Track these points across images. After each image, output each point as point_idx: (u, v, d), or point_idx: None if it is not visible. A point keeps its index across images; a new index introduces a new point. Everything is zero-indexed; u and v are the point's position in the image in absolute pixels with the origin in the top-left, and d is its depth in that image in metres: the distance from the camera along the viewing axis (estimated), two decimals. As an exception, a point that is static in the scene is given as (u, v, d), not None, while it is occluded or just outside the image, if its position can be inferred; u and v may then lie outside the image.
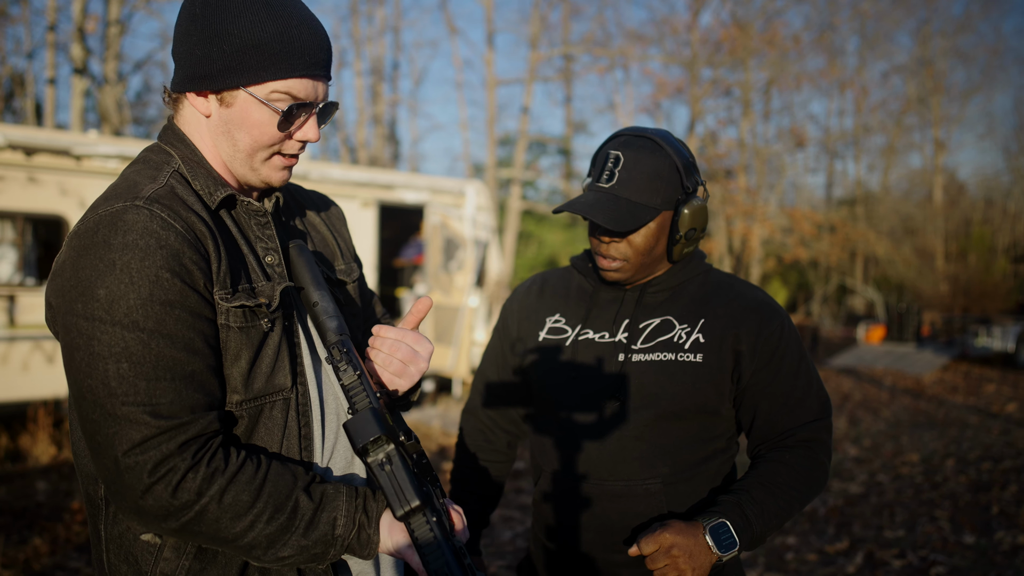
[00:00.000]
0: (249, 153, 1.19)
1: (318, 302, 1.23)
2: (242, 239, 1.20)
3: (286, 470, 1.12)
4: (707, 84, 22.33)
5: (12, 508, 5.03)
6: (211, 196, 1.17)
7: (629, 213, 1.46)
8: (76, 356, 1.05)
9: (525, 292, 1.76)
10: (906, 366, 13.25)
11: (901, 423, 8.64)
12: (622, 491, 1.52)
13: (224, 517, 1.05)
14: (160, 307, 1.04)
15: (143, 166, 1.19)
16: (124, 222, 1.05)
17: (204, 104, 1.17)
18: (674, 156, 1.50)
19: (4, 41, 20.95)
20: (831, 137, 27.94)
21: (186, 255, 1.07)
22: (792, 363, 1.54)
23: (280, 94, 1.15)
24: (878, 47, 26.91)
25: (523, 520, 5.05)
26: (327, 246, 1.42)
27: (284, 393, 1.18)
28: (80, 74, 14.38)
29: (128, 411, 1.02)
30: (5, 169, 6.44)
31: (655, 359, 1.52)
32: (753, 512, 1.43)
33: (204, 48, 1.13)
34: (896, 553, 4.49)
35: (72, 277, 1.05)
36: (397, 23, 28.25)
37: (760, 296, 1.59)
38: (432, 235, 9.53)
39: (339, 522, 1.10)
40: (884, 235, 24.19)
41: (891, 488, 5.92)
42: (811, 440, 1.53)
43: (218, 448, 1.08)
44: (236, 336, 1.13)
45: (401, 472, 1.07)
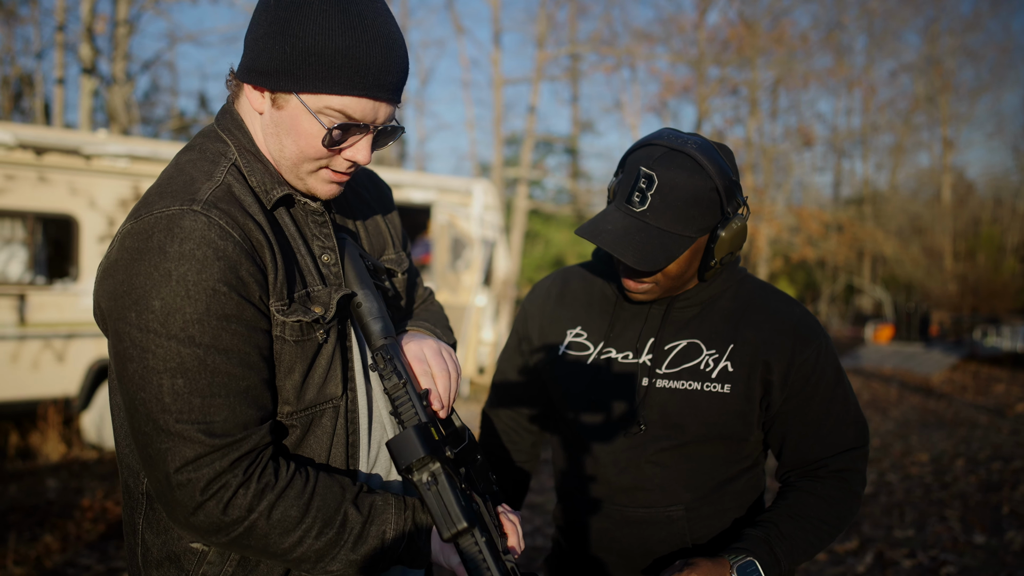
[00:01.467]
0: (295, 162, 1.13)
1: (362, 303, 1.18)
2: (299, 238, 1.16)
3: (334, 482, 1.09)
4: (714, 83, 22.29)
5: (23, 505, 5.06)
6: (268, 195, 1.12)
7: (660, 247, 1.32)
8: (129, 367, 1.02)
9: (545, 295, 1.66)
10: (915, 366, 13.20)
11: (910, 423, 8.61)
12: (643, 518, 1.47)
13: (273, 532, 1.03)
14: (217, 321, 1.00)
15: (199, 156, 1.13)
16: (181, 228, 1.00)
17: (259, 100, 1.12)
18: (715, 177, 1.33)
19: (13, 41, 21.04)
20: (839, 136, 27.87)
21: (244, 267, 1.03)
22: (827, 390, 1.44)
23: (334, 110, 1.07)
24: (886, 45, 26.84)
25: (531, 519, 5.05)
26: (380, 234, 1.37)
27: (335, 401, 1.15)
28: (89, 74, 14.44)
29: (182, 428, 1.00)
30: (16, 168, 6.47)
31: (680, 387, 1.44)
32: (782, 549, 1.36)
33: (267, 42, 1.06)
34: (906, 553, 4.47)
35: (126, 282, 1.00)
36: (404, 22, 28.31)
37: (797, 315, 1.47)
38: (439, 234, 9.54)
39: (388, 535, 1.07)
40: (892, 234, 24.11)
41: (900, 488, 5.90)
42: (845, 470, 1.45)
43: (268, 462, 1.05)
44: (291, 349, 1.09)
45: (447, 492, 1.01)
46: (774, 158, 24.19)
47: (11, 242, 6.67)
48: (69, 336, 6.67)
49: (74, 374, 6.71)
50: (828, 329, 21.42)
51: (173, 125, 22.42)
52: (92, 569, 4.06)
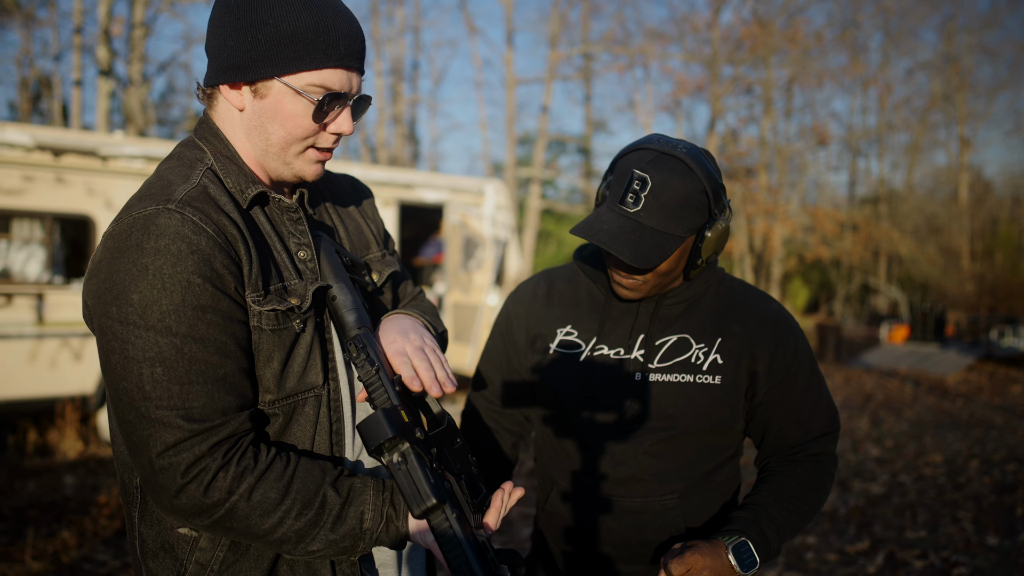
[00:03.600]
0: (283, 146, 1.18)
1: (336, 296, 1.23)
2: (275, 235, 1.21)
3: (315, 466, 1.13)
4: (728, 82, 22.21)
5: (41, 502, 5.13)
6: (243, 194, 1.18)
7: (654, 245, 1.39)
8: (112, 359, 1.07)
9: (531, 296, 1.69)
10: (930, 366, 13.10)
11: (924, 424, 8.55)
12: (639, 507, 1.52)
13: (253, 514, 1.07)
14: (192, 312, 1.05)
15: (177, 163, 1.19)
16: (157, 226, 1.06)
17: (237, 97, 1.17)
18: (704, 180, 1.40)
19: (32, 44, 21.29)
20: (854, 135, 27.68)
21: (217, 259, 1.08)
22: (804, 379, 1.55)
23: (315, 86, 1.14)
24: (902, 43, 26.61)
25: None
26: (361, 234, 1.42)
27: (316, 390, 1.19)
28: (106, 76, 14.60)
29: (162, 415, 1.04)
30: (34, 170, 6.56)
31: (673, 380, 1.51)
32: (770, 529, 1.45)
33: (238, 38, 1.12)
34: (918, 554, 4.45)
35: (107, 280, 1.06)
36: (417, 23, 28.42)
37: (775, 310, 1.58)
38: (452, 234, 9.57)
39: (367, 516, 1.11)
40: (908, 234, 23.92)
41: (913, 489, 5.87)
42: (821, 454, 1.56)
43: (248, 447, 1.09)
44: (268, 338, 1.14)
45: (416, 471, 1.06)
46: (788, 157, 24.06)
47: (30, 242, 6.76)
48: (86, 335, 6.76)
49: (91, 372, 6.81)
50: (843, 329, 21.30)
51: (189, 126, 22.61)
52: (108, 564, 4.12)
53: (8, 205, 6.50)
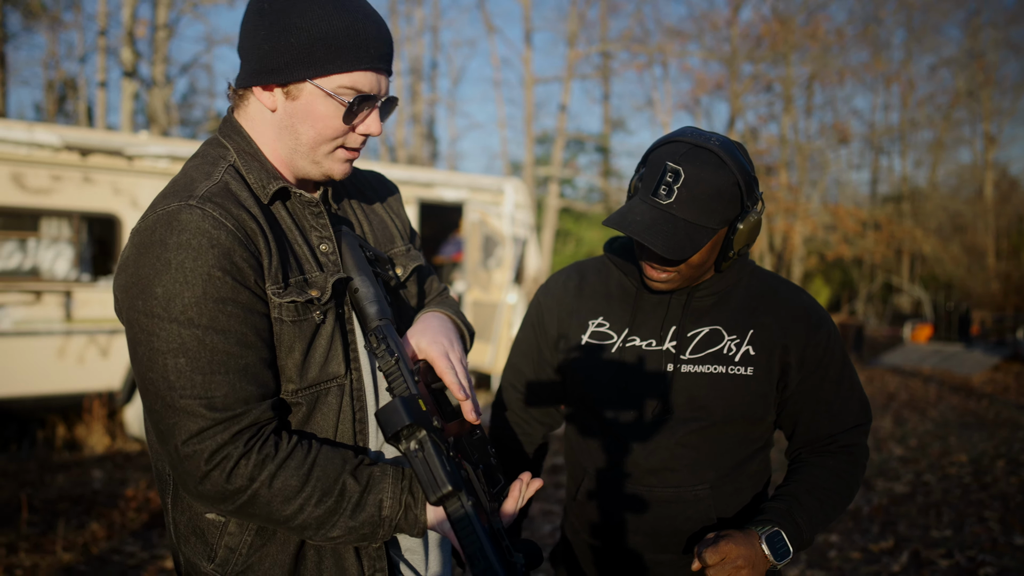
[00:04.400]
0: (312, 146, 1.21)
1: (358, 288, 1.24)
2: (296, 230, 1.23)
3: (335, 454, 1.15)
4: (747, 80, 22.08)
5: (70, 495, 5.22)
6: (264, 189, 1.21)
7: (687, 237, 1.39)
8: (139, 350, 1.11)
9: (563, 288, 1.70)
10: (954, 366, 12.95)
11: (949, 423, 8.46)
12: (671, 497, 1.53)
13: (275, 500, 1.10)
14: (213, 304, 1.08)
15: (201, 161, 1.22)
16: (179, 222, 1.09)
17: (270, 98, 1.20)
18: (737, 173, 1.41)
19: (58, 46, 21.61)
20: (876, 132, 27.41)
21: (237, 253, 1.10)
22: (836, 371, 1.55)
23: (345, 88, 1.17)
24: (925, 40, 26.30)
25: (562, 514, 5.09)
26: (385, 229, 1.44)
27: (338, 380, 1.21)
28: (130, 77, 14.80)
29: (186, 404, 1.08)
30: (62, 169, 6.68)
31: (705, 371, 1.52)
32: (803, 520, 1.45)
33: (272, 42, 1.15)
34: (943, 553, 4.42)
35: (134, 274, 1.10)
36: (435, 23, 28.48)
37: (806, 301, 1.58)
38: (471, 232, 9.60)
39: (385, 504, 1.13)
40: (932, 232, 23.65)
41: (938, 488, 5.81)
42: (852, 445, 1.56)
43: (270, 435, 1.12)
44: (289, 329, 1.16)
45: (433, 458, 1.07)
46: (809, 155, 23.87)
47: (58, 241, 6.88)
48: (113, 332, 6.87)
49: (117, 369, 6.91)
50: (865, 328, 21.08)
51: (210, 127, 22.84)
52: (136, 556, 4.19)
53: (37, 204, 6.61)
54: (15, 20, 18.44)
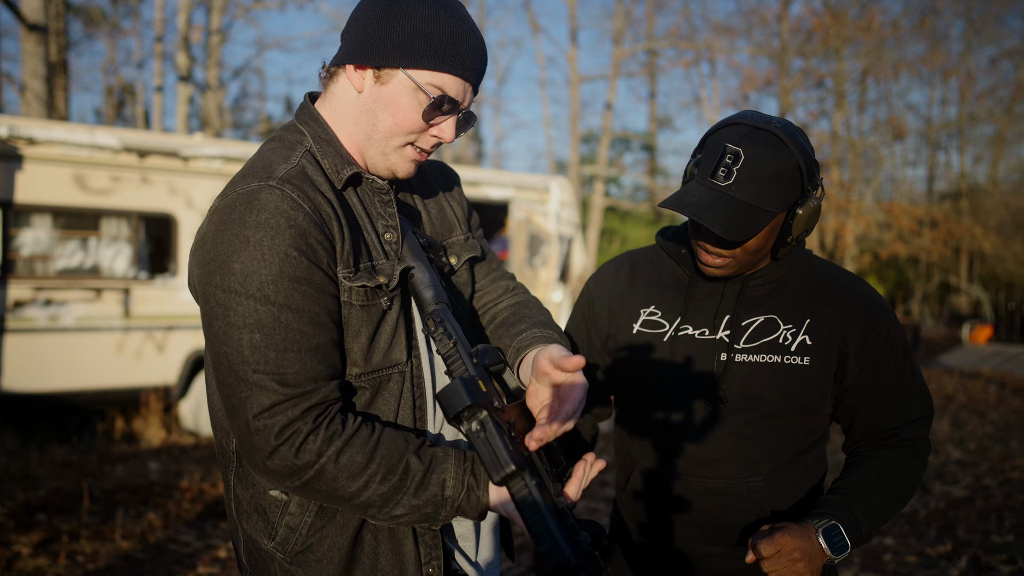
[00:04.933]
0: (386, 136, 1.23)
1: (415, 274, 1.26)
2: (365, 216, 1.26)
3: (399, 435, 1.17)
4: (797, 75, 21.64)
5: (128, 485, 5.39)
6: (338, 175, 1.24)
7: (746, 219, 1.36)
8: (215, 324, 1.13)
9: (614, 278, 1.68)
10: (1017, 367, 12.50)
11: (1011, 427, 8.16)
12: (724, 488, 1.51)
13: (341, 476, 1.12)
14: (289, 283, 1.11)
15: (279, 144, 1.25)
16: (258, 201, 1.12)
17: (359, 79, 1.23)
18: (798, 156, 1.38)
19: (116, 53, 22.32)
20: (933, 128, 26.56)
21: (312, 235, 1.13)
22: (897, 363, 1.51)
23: (433, 86, 1.20)
24: (986, 31, 25.38)
25: (607, 511, 5.06)
26: (444, 218, 1.45)
27: (400, 367, 1.24)
28: (185, 81, 15.20)
29: (259, 378, 1.10)
30: (121, 171, 6.90)
31: (760, 361, 1.49)
32: (862, 514, 1.41)
33: (379, 27, 1.19)
34: (1005, 559, 4.26)
35: (212, 250, 1.12)
36: (481, 23, 28.60)
37: (866, 291, 1.54)
38: (516, 231, 9.62)
39: (448, 484, 1.14)
40: (992, 230, 22.83)
41: (999, 492, 5.61)
42: (914, 439, 1.52)
43: (336, 414, 1.14)
44: (357, 313, 1.19)
45: (495, 438, 1.07)
46: (862, 152, 23.28)
47: (117, 240, 7.11)
48: (169, 328, 7.07)
49: (173, 364, 7.12)
50: (921, 329, 20.46)
51: (261, 129, 23.33)
52: (191, 545, 4.30)
53: (98, 204, 6.85)
54: (77, 28, 19.12)
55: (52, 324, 6.63)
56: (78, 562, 3.96)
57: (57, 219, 6.86)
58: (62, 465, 5.91)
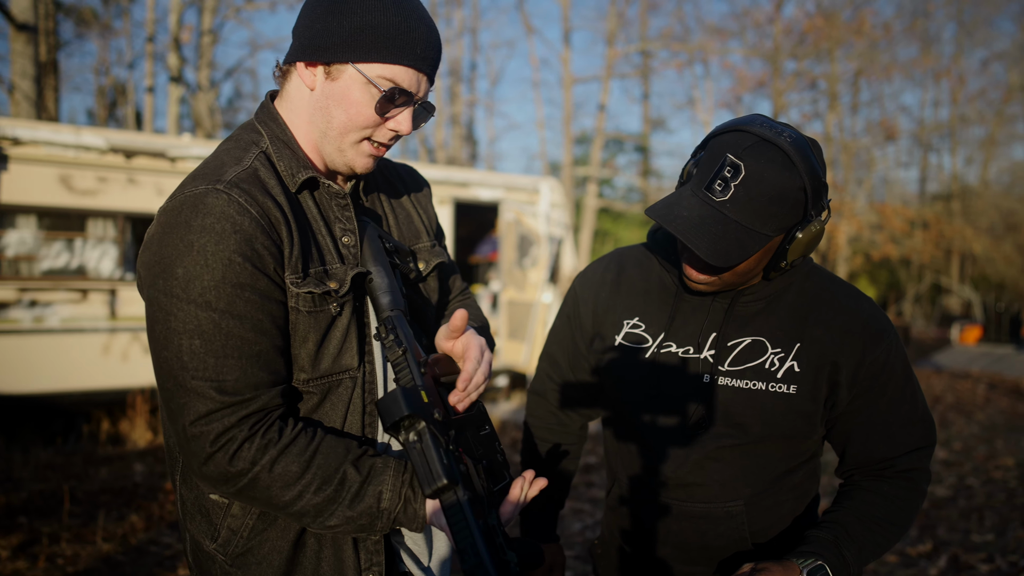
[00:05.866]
0: (341, 132, 1.21)
1: (373, 278, 1.25)
2: (320, 220, 1.24)
3: (339, 444, 1.16)
4: (790, 77, 21.69)
5: (112, 487, 5.37)
6: (293, 178, 1.21)
7: (736, 242, 1.24)
8: (156, 328, 1.12)
9: (600, 281, 1.60)
10: (1005, 368, 12.55)
11: (996, 427, 8.20)
12: (701, 513, 1.44)
13: (275, 485, 1.11)
14: (232, 289, 1.09)
15: (233, 145, 1.24)
16: (205, 205, 1.11)
17: (311, 76, 1.21)
18: (805, 177, 1.24)
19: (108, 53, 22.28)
20: (925, 129, 26.67)
21: (259, 240, 1.11)
22: (895, 389, 1.40)
23: (384, 79, 1.18)
24: (977, 33, 25.51)
25: (593, 512, 5.06)
26: (411, 224, 1.44)
27: (351, 372, 1.23)
28: (176, 82, 15.18)
29: (197, 385, 1.09)
30: (107, 171, 6.89)
31: (744, 387, 1.39)
32: (851, 552, 1.33)
33: (325, 22, 1.17)
34: (984, 557, 4.28)
35: (156, 253, 1.11)
36: (475, 24, 28.64)
37: (865, 311, 1.41)
38: (506, 232, 9.62)
39: (384, 496, 1.14)
40: (983, 232, 22.93)
41: (981, 492, 5.63)
42: (912, 470, 1.41)
43: (275, 421, 1.13)
44: (304, 319, 1.17)
45: (431, 450, 1.06)
46: (855, 153, 23.34)
47: (103, 241, 7.10)
48: (155, 329, 7.05)
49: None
50: (911, 329, 20.52)
51: (254, 130, 23.21)
52: (173, 547, 4.29)
53: (84, 205, 6.83)
54: (68, 28, 19.08)
55: (37, 325, 6.61)
56: (58, 565, 3.94)
57: (42, 220, 6.85)
58: (46, 467, 5.89)
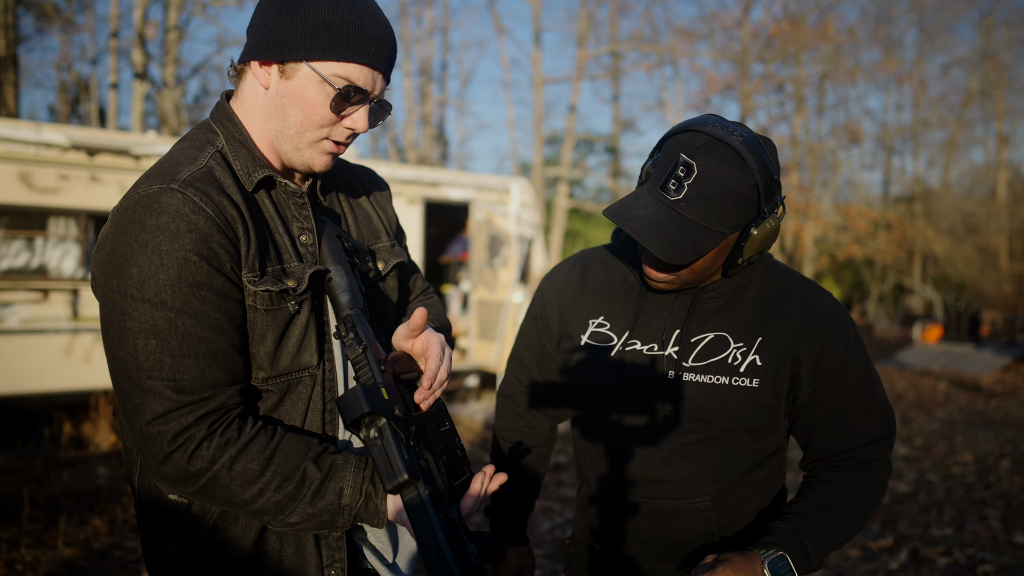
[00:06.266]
0: (298, 131, 1.21)
1: (332, 277, 1.25)
2: (278, 219, 1.24)
3: (300, 441, 1.16)
4: (758, 80, 21.98)
5: (74, 491, 5.27)
6: (249, 177, 1.21)
7: (691, 239, 1.27)
8: (110, 329, 1.11)
9: (565, 281, 1.62)
10: (964, 366, 12.85)
11: (956, 423, 8.40)
12: (668, 509, 1.46)
13: (234, 483, 1.11)
14: (187, 288, 1.09)
15: (188, 144, 1.23)
16: (159, 204, 1.10)
17: (265, 75, 1.21)
18: (757, 175, 1.27)
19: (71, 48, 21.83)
20: (888, 132, 27.19)
21: (214, 239, 1.11)
22: (855, 381, 1.43)
23: (339, 77, 1.18)
24: (938, 39, 26.10)
25: (562, 511, 5.09)
26: (371, 224, 1.44)
27: (311, 370, 1.23)
28: (141, 79, 14.92)
29: (153, 385, 1.09)
30: (70, 169, 6.75)
31: (707, 381, 1.41)
32: (811, 542, 1.35)
33: (278, 20, 1.17)
34: (943, 551, 4.39)
35: (111, 253, 1.11)
36: (446, 24, 28.59)
37: (825, 304, 1.44)
38: (476, 232, 9.62)
39: (345, 492, 1.14)
40: (944, 233, 23.46)
41: (941, 487, 5.77)
42: (872, 460, 1.44)
43: (234, 420, 1.13)
44: (262, 317, 1.17)
45: (391, 446, 1.07)
46: (820, 155, 23.72)
47: (65, 240, 6.96)
48: (119, 330, 6.93)
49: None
50: (875, 329, 20.91)
51: (221, 128, 22.90)
52: (136, 551, 4.23)
53: (45, 203, 6.69)
54: (28, 22, 18.66)
55: (-4, 326, 6.46)
56: (17, 570, 3.86)
57: (1, 218, 6.69)
58: (5, 471, 5.75)
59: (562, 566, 1.75)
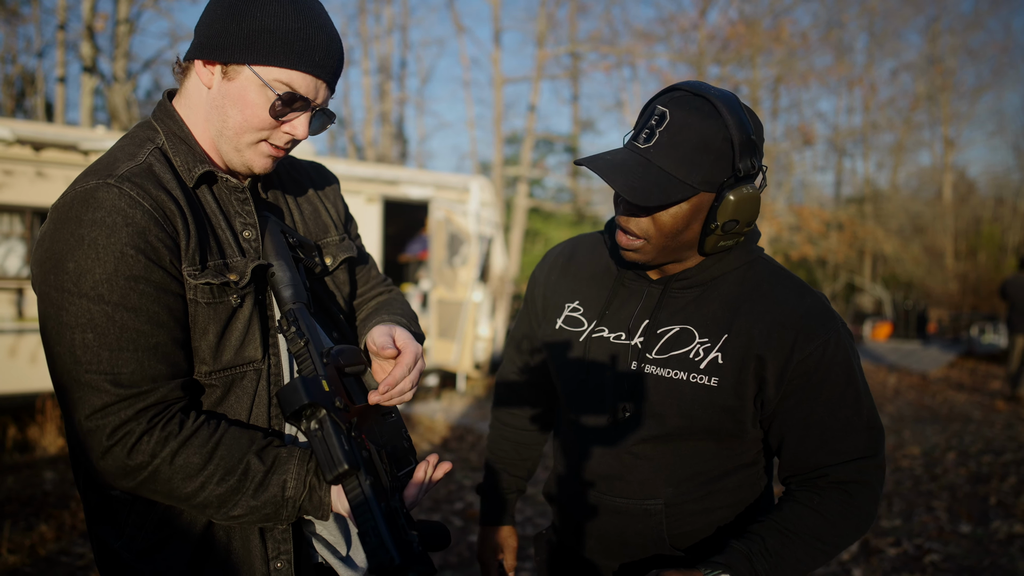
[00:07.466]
0: (237, 132, 1.22)
1: (275, 272, 1.26)
2: (220, 214, 1.24)
3: (243, 435, 1.17)
4: (714, 81, 22.31)
5: (19, 496, 5.11)
6: (189, 172, 1.22)
7: (657, 186, 1.22)
8: (48, 324, 1.11)
9: (552, 264, 1.60)
10: (912, 363, 13.23)
11: (904, 418, 8.64)
12: (620, 508, 1.42)
13: (176, 477, 1.11)
14: (125, 281, 1.09)
15: (128, 141, 1.24)
16: (95, 199, 1.11)
17: (208, 74, 1.21)
18: (732, 128, 1.23)
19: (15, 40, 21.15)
20: (840, 135, 27.84)
21: (152, 232, 1.12)
22: (832, 390, 1.31)
23: (281, 83, 1.19)
24: (887, 44, 26.82)
25: (522, 509, 5.10)
26: (318, 218, 1.45)
27: (255, 364, 1.23)
28: (89, 72, 14.52)
29: (91, 379, 1.09)
30: (14, 164, 6.53)
31: (665, 375, 1.35)
32: (763, 566, 1.25)
33: (224, 22, 1.18)
34: (891, 541, 4.51)
35: (48, 249, 1.11)
36: (405, 21, 28.41)
37: (805, 306, 1.33)
38: (436, 230, 9.58)
39: (289, 484, 1.14)
40: (893, 233, 24.10)
41: (890, 480, 5.93)
42: (849, 482, 1.31)
43: (176, 414, 1.13)
44: (204, 311, 1.18)
45: (332, 437, 1.09)
46: (775, 157, 24.18)
47: (9, 237, 6.73)
48: (67, 330, 6.73)
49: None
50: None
51: (174, 124, 22.38)
52: (85, 556, 4.11)
53: (-13, 199, 6.46)
54: (-30, 13, 17.99)
55: (-65, 326, 6.22)
56: (-42, 578, 3.73)
57: (-59, 215, 6.45)
58: (-54, 476, 5.55)
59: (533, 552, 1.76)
